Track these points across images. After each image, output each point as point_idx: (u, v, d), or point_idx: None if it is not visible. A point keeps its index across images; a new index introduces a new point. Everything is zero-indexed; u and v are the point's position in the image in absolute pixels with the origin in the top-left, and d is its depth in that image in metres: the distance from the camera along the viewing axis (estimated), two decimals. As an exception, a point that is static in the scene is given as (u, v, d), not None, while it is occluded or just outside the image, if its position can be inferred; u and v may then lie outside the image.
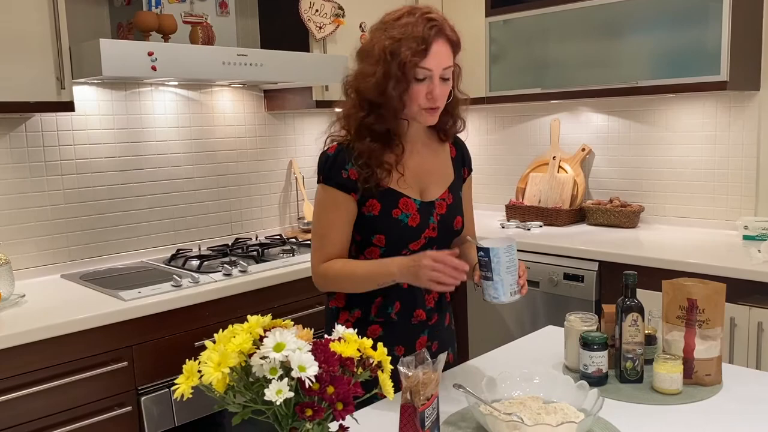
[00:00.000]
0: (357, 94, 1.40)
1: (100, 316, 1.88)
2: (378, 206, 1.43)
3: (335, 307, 1.54)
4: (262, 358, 0.93)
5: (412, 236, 1.45)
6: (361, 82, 1.38)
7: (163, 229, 2.63)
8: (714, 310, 1.37)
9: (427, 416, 1.18)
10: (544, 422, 1.19)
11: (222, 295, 2.14)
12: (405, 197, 1.44)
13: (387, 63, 1.34)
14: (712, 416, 1.25)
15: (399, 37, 1.33)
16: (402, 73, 1.33)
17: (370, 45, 1.38)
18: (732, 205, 2.68)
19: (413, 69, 1.34)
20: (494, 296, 1.34)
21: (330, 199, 1.43)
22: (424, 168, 1.49)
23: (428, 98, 1.37)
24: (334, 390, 0.92)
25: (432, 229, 1.47)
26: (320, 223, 1.47)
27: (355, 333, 1.03)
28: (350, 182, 1.41)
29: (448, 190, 1.52)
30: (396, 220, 1.43)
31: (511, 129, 3.37)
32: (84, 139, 2.41)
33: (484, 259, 1.32)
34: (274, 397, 0.89)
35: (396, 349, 1.48)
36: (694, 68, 2.41)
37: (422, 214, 1.46)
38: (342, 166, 1.41)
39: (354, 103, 1.41)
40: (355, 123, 1.40)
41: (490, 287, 1.33)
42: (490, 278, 1.33)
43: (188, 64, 2.08)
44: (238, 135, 2.85)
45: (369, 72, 1.36)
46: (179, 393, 0.93)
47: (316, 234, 1.48)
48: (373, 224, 1.43)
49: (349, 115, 1.42)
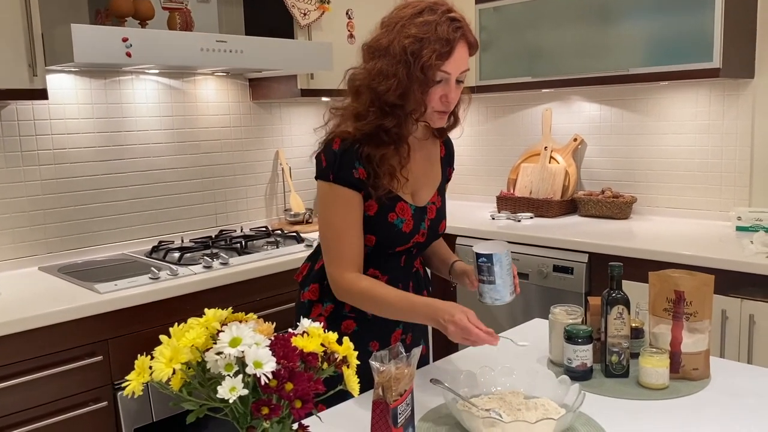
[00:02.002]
0: (373, 93, 1.30)
1: (74, 309, 1.84)
2: (375, 207, 1.38)
3: (308, 300, 1.49)
4: (217, 354, 0.88)
5: (403, 241, 1.42)
6: (380, 83, 1.29)
7: (145, 221, 2.59)
8: (702, 302, 1.34)
9: (400, 413, 1.14)
10: (522, 419, 1.16)
11: (201, 288, 2.10)
12: (402, 202, 1.40)
13: (408, 64, 1.26)
14: (699, 411, 1.22)
15: (421, 36, 1.26)
16: (424, 76, 1.27)
17: (386, 41, 1.29)
18: (725, 195, 2.64)
19: (434, 71, 1.27)
20: (496, 299, 1.35)
21: (341, 198, 1.35)
22: (419, 170, 1.45)
23: (443, 101, 1.32)
24: (293, 387, 0.87)
25: (422, 234, 1.45)
26: (333, 225, 1.37)
27: (321, 327, 0.98)
28: (360, 182, 1.35)
29: (437, 192, 1.49)
30: (391, 224, 1.39)
31: (502, 119, 3.32)
32: (62, 128, 2.36)
33: (487, 264, 1.33)
34: (228, 394, 0.84)
35: (371, 345, 1.44)
36: (686, 55, 2.37)
37: (415, 220, 1.43)
38: (351, 164, 1.33)
39: (369, 103, 1.31)
40: (372, 125, 1.31)
41: (492, 291, 1.34)
42: (493, 282, 1.34)
43: (165, 50, 2.02)
44: (222, 125, 2.80)
45: (389, 72, 1.28)
46: (129, 390, 0.89)
47: (330, 238, 1.38)
48: (367, 224, 1.38)
49: (362, 114, 1.32)
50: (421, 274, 1.57)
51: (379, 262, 1.44)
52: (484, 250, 1.34)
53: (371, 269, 1.44)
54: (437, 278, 1.65)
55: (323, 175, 1.36)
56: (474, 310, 1.30)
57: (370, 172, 1.34)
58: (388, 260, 1.45)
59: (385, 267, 1.45)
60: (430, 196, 1.47)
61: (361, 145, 1.34)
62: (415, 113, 1.32)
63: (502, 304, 1.37)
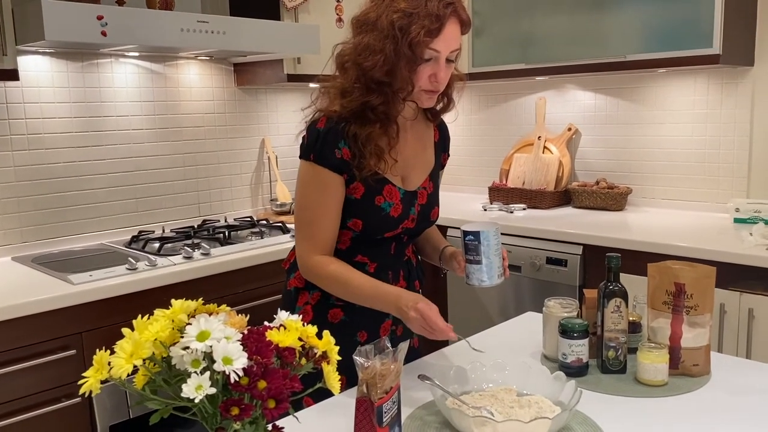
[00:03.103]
0: (359, 69, 1.26)
1: (45, 301, 1.76)
2: (361, 190, 1.32)
3: (294, 288, 1.43)
4: (183, 349, 0.81)
5: (391, 226, 1.36)
6: (366, 58, 1.24)
7: (124, 210, 2.51)
8: (703, 295, 1.30)
9: (386, 411, 1.08)
10: (515, 417, 1.11)
11: (181, 279, 2.03)
12: (390, 185, 1.35)
13: (395, 40, 1.21)
14: (699, 409, 1.18)
15: (410, 11, 1.21)
16: (411, 53, 1.22)
17: (374, 15, 1.25)
18: (723, 186, 2.60)
19: (422, 49, 1.22)
20: (482, 280, 1.31)
21: (319, 180, 1.30)
22: (409, 153, 1.39)
23: (431, 80, 1.27)
24: (267, 385, 0.80)
25: (411, 220, 1.39)
26: (309, 206, 1.33)
27: (300, 320, 0.91)
28: (343, 163, 1.29)
29: (428, 177, 1.44)
30: (378, 207, 1.33)
31: (495, 108, 3.26)
32: (37, 112, 2.27)
33: (474, 242, 1.28)
34: (194, 393, 0.77)
35: (359, 335, 1.39)
36: (685, 41, 2.32)
37: (404, 204, 1.37)
38: (335, 143, 1.28)
39: (355, 79, 1.27)
40: (357, 102, 1.26)
41: (478, 271, 1.30)
42: (480, 262, 1.29)
43: (142, 30, 1.93)
44: (205, 111, 2.72)
45: (375, 47, 1.23)
46: (86, 388, 0.82)
47: (303, 220, 1.34)
48: (353, 208, 1.33)
49: (348, 91, 1.27)
50: (413, 264, 1.51)
51: (367, 249, 1.38)
52: (471, 228, 1.30)
53: (359, 256, 1.38)
54: (428, 269, 1.59)
55: (305, 154, 1.32)
56: (464, 300, 1.25)
57: (356, 152, 1.28)
58: (377, 247, 1.39)
59: (374, 254, 1.39)
60: (422, 180, 1.42)
61: (347, 123, 1.28)
62: (402, 91, 1.27)
63: (490, 287, 1.33)
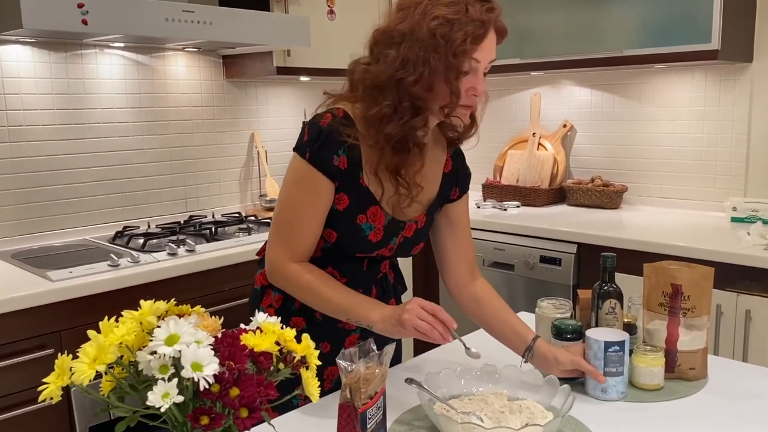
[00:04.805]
0: (399, 87, 1.12)
1: (22, 298, 1.71)
2: (345, 203, 1.22)
3: (261, 286, 1.34)
4: (150, 354, 0.76)
5: (366, 249, 1.26)
6: (409, 72, 1.10)
7: (109, 205, 2.45)
8: (700, 297, 1.26)
9: (370, 417, 1.03)
10: (505, 424, 1.07)
11: (165, 277, 1.97)
12: (376, 206, 1.24)
13: (438, 49, 1.09)
14: (696, 414, 1.15)
15: (451, 17, 1.09)
16: (456, 62, 1.10)
17: (407, 26, 1.11)
18: (720, 185, 2.57)
19: (467, 58, 1.11)
20: (622, 391, 1.21)
21: (311, 181, 1.19)
22: None
23: (469, 94, 1.15)
24: (239, 393, 0.75)
25: (389, 249, 1.29)
26: (293, 207, 1.21)
27: (278, 323, 0.86)
28: (338, 171, 1.19)
29: (425, 212, 1.31)
30: (358, 226, 1.23)
31: (489, 104, 3.16)
32: (17, 104, 2.20)
33: (619, 353, 1.19)
34: (160, 401, 0.72)
35: (321, 346, 1.30)
36: (683, 36, 2.27)
37: (386, 232, 1.26)
38: (335, 149, 1.17)
39: (397, 100, 1.12)
40: (399, 130, 1.13)
41: (620, 383, 1.20)
42: (622, 373, 1.19)
43: (126, 19, 1.87)
44: (193, 104, 2.66)
45: (417, 60, 1.10)
46: (45, 395, 0.77)
47: (284, 220, 1.23)
48: (332, 218, 1.23)
49: (386, 118, 1.13)
50: (390, 280, 1.40)
51: (338, 263, 1.29)
52: (608, 336, 1.19)
53: (330, 268, 1.28)
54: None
55: (301, 149, 1.20)
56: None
57: (354, 164, 1.19)
58: (349, 262, 1.29)
59: (345, 269, 1.29)
60: (417, 213, 1.29)
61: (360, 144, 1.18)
62: (447, 107, 1.14)
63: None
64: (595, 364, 1.19)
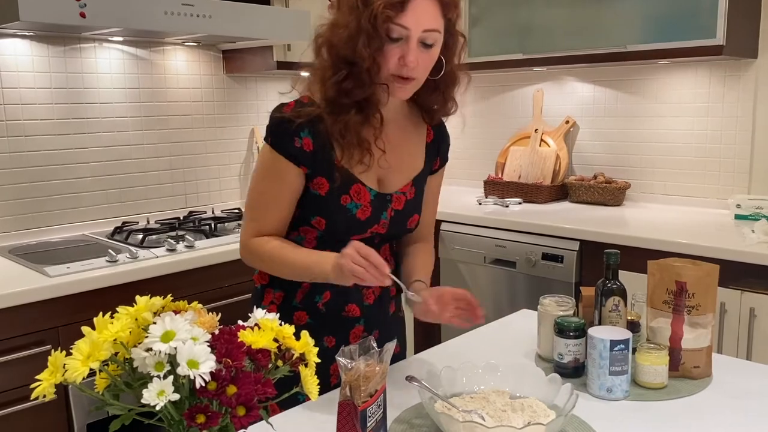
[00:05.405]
0: (330, 50, 1.16)
1: (19, 294, 1.70)
2: (326, 186, 1.22)
3: (261, 286, 1.35)
4: (146, 351, 0.74)
5: (358, 229, 1.26)
6: (334, 35, 1.15)
7: (108, 200, 2.43)
8: (705, 294, 1.25)
9: (370, 415, 1.02)
10: (507, 423, 1.06)
11: (164, 273, 1.96)
12: (359, 183, 1.24)
13: (359, 13, 1.11)
14: (701, 413, 1.13)
15: None
16: (373, 27, 1.10)
17: None
18: (724, 182, 2.55)
19: (386, 24, 1.11)
20: (626, 390, 1.19)
21: (275, 167, 1.22)
22: (392, 151, 1.27)
23: (400, 63, 1.14)
24: (236, 391, 0.73)
25: (382, 225, 1.28)
26: (258, 191, 1.26)
27: (276, 319, 0.84)
28: (302, 153, 1.19)
29: (411, 182, 1.32)
30: (343, 207, 1.23)
31: (491, 100, 3.20)
32: (16, 98, 2.19)
33: (624, 351, 1.17)
34: (155, 399, 0.70)
35: (326, 340, 1.30)
36: (687, 31, 2.25)
37: (375, 207, 1.26)
38: (296, 132, 1.19)
39: (328, 64, 1.17)
40: (333, 90, 1.16)
41: (624, 382, 1.18)
42: (626, 371, 1.18)
43: (124, 12, 1.85)
44: (193, 99, 2.65)
45: (341, 22, 1.14)
46: (38, 392, 0.75)
47: (251, 202, 1.27)
48: (317, 205, 1.23)
49: (325, 79, 1.17)
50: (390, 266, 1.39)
51: (334, 250, 1.26)
52: (613, 335, 1.17)
53: None
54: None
55: (267, 135, 1.24)
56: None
57: (322, 144, 1.19)
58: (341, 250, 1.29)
59: None
60: (402, 184, 1.30)
61: (317, 114, 1.18)
62: (374, 74, 1.15)
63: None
64: (600, 363, 1.18)
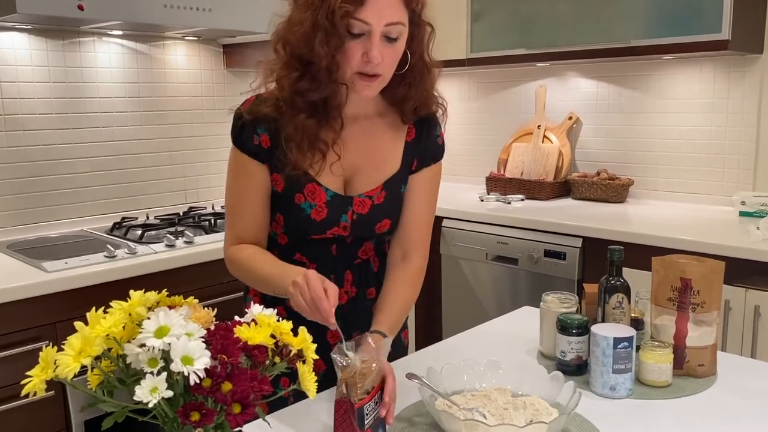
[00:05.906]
0: (286, 48, 1.13)
1: (16, 289, 1.68)
2: (281, 184, 1.20)
3: None
4: (139, 346, 0.72)
5: (314, 229, 1.22)
6: (290, 33, 1.12)
7: (107, 196, 2.42)
8: (710, 291, 1.23)
9: (368, 413, 1.00)
10: (509, 421, 1.04)
11: (163, 268, 1.94)
12: (314, 183, 1.20)
13: (315, 8, 1.07)
14: (705, 412, 1.11)
15: None
16: (331, 24, 1.06)
17: None
18: (728, 179, 2.53)
19: (345, 20, 1.06)
20: (630, 389, 1.18)
21: (240, 166, 1.21)
22: (355, 154, 1.22)
23: (364, 60, 1.10)
24: (232, 388, 0.72)
25: (343, 228, 1.23)
26: (231, 193, 1.24)
27: (274, 315, 0.82)
28: (261, 150, 1.18)
29: (382, 186, 1.24)
30: (297, 206, 1.20)
31: (493, 96, 3.17)
32: (14, 92, 2.17)
33: (628, 349, 1.15)
34: (147, 396, 0.68)
35: None
36: (692, 26, 2.22)
37: (331, 209, 1.21)
38: (254, 128, 1.17)
39: (285, 62, 1.13)
40: (287, 90, 1.13)
41: (628, 380, 1.17)
42: (630, 369, 1.16)
43: (123, 5, 1.84)
44: (193, 94, 2.63)
45: (297, 19, 1.10)
46: (29, 389, 0.74)
47: (227, 207, 1.26)
48: (276, 201, 1.22)
49: (281, 77, 1.14)
50: (373, 268, 1.32)
51: (305, 248, 1.26)
52: (616, 332, 1.16)
53: (298, 254, 1.26)
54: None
55: (231, 136, 1.23)
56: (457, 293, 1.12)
57: (278, 142, 1.16)
58: (315, 246, 1.26)
59: (313, 254, 1.26)
60: (370, 188, 1.23)
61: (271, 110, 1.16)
62: (334, 73, 1.11)
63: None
64: (603, 361, 1.16)
